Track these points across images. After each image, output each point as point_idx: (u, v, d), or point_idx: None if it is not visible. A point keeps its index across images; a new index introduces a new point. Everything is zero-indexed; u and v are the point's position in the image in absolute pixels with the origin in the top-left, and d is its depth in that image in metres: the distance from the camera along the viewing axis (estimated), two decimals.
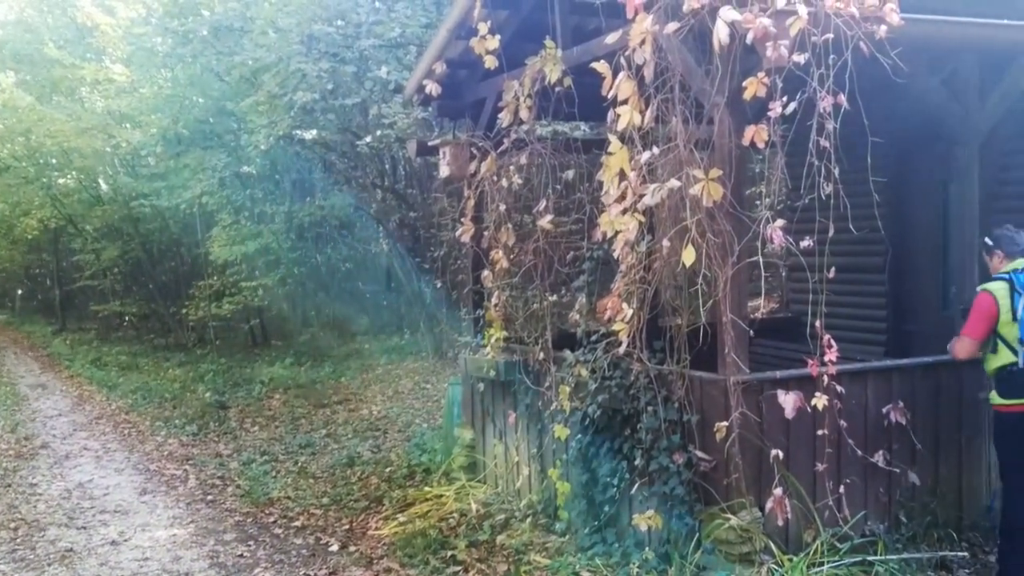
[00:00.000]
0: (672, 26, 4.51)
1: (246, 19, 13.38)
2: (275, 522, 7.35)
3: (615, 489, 5.41)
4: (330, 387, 13.68)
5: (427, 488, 7.46)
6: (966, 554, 5.07)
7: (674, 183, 4.60)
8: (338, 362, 15.43)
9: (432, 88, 7.01)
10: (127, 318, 23.79)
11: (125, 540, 6.94)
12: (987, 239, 4.98)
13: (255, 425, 11.75)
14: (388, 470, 8.44)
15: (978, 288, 4.89)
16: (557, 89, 5.96)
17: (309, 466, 9.20)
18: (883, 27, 4.15)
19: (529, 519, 6.33)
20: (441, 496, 7.14)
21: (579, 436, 5.66)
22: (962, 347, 4.84)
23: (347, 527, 7.03)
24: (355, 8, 11.63)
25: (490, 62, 6.23)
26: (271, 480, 8.71)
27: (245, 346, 19.03)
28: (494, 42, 6.18)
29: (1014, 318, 4.63)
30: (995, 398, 4.77)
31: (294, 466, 9.25)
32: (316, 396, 13.03)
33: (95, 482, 8.87)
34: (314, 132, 13.95)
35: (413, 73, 8.05)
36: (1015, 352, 4.64)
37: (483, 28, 6.18)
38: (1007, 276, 4.70)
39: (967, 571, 4.96)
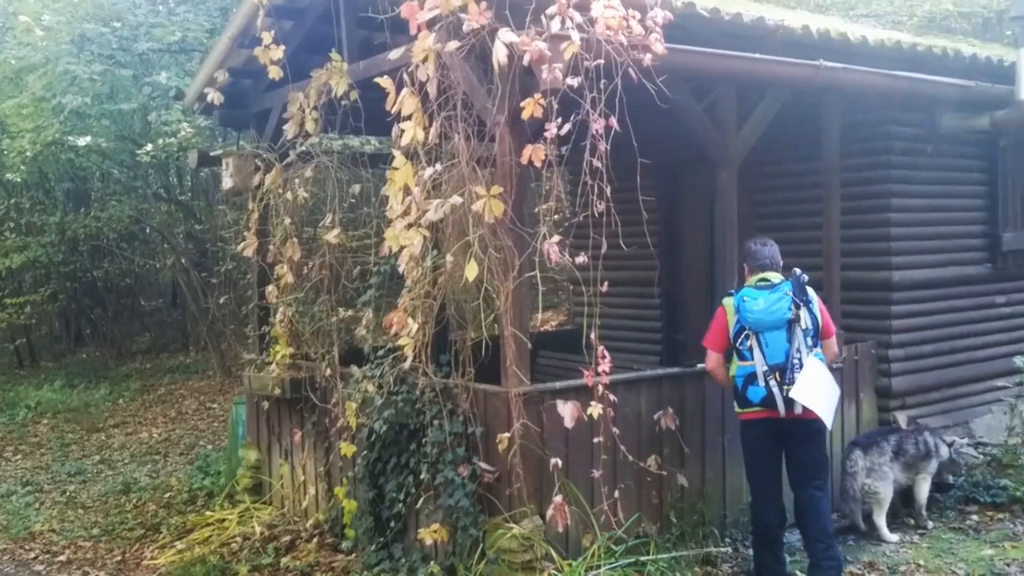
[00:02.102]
0: (453, 44, 4.58)
1: (7, 14, 12.37)
2: (36, 558, 6.80)
3: (402, 504, 5.39)
4: (106, 410, 12.83)
5: (209, 512, 7.15)
6: (728, 549, 5.43)
7: (457, 199, 4.67)
8: (116, 383, 14.49)
9: (214, 97, 6.77)
10: None
11: None
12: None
13: (17, 453, 10.81)
14: (167, 495, 8.02)
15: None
16: (344, 102, 5.93)
17: (79, 495, 8.58)
18: (649, 55, 4.40)
19: (315, 539, 6.19)
20: (224, 520, 6.86)
21: (366, 452, 5.61)
22: (706, 359, 5.16)
23: (119, 559, 6.62)
24: (132, 9, 11.02)
25: (275, 72, 6.09)
26: (33, 512, 8.04)
27: (10, 368, 17.47)
28: (279, 52, 6.05)
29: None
30: (735, 406, 5.13)
31: (61, 496, 8.60)
32: (90, 420, 12.18)
33: None
34: (89, 139, 13.06)
35: (194, 80, 7.75)
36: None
37: (267, 37, 6.04)
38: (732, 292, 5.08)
39: (729, 565, 5.31)
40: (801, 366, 4.72)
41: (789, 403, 4.73)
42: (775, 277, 4.92)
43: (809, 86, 5.72)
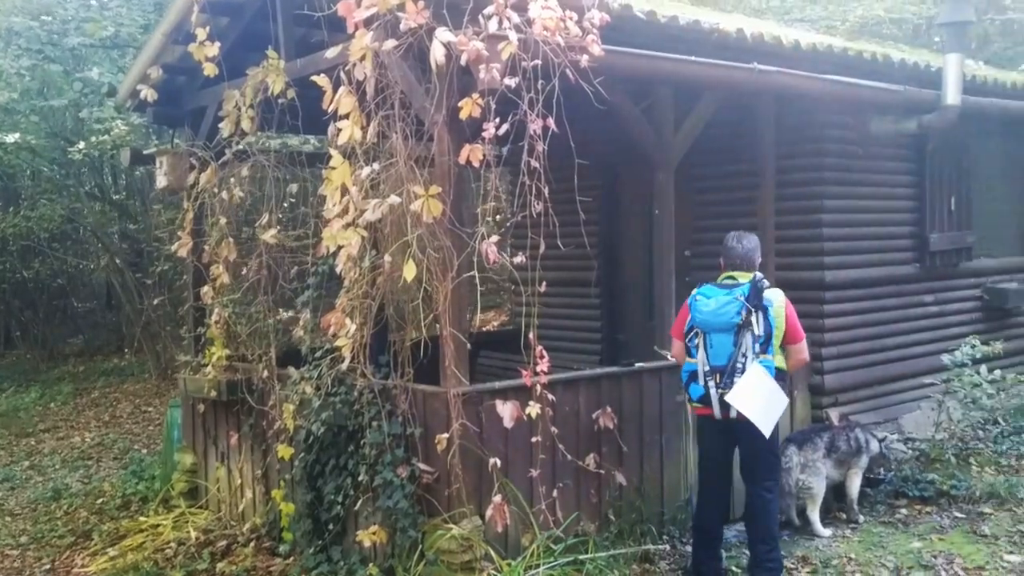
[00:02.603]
0: (391, 43, 4.56)
1: None
2: None
3: (340, 506, 5.34)
4: (36, 414, 12.49)
5: (143, 518, 7.00)
6: (666, 546, 5.49)
7: (395, 199, 4.64)
8: (47, 386, 14.11)
9: (148, 94, 6.63)
10: None
11: None
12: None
13: None
14: (100, 501, 7.84)
15: None
16: (281, 101, 5.85)
17: (6, 502, 8.34)
18: (586, 57, 4.43)
19: (252, 543, 6.11)
20: (158, 526, 6.73)
21: (303, 455, 5.54)
22: (672, 346, 5.22)
23: (48, 567, 6.45)
24: (63, 3, 10.75)
25: (210, 69, 5.99)
26: None
27: None
28: (214, 49, 5.96)
29: None
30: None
31: None
32: (19, 425, 11.84)
33: None
34: (17, 136, 12.70)
35: (127, 76, 7.58)
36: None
37: (201, 34, 5.94)
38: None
39: (667, 562, 5.37)
40: (743, 371, 4.72)
41: (725, 406, 4.77)
42: (742, 277, 4.88)
43: (744, 88, 5.82)
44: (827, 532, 5.82)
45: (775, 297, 4.87)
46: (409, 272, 4.59)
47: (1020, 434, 7.35)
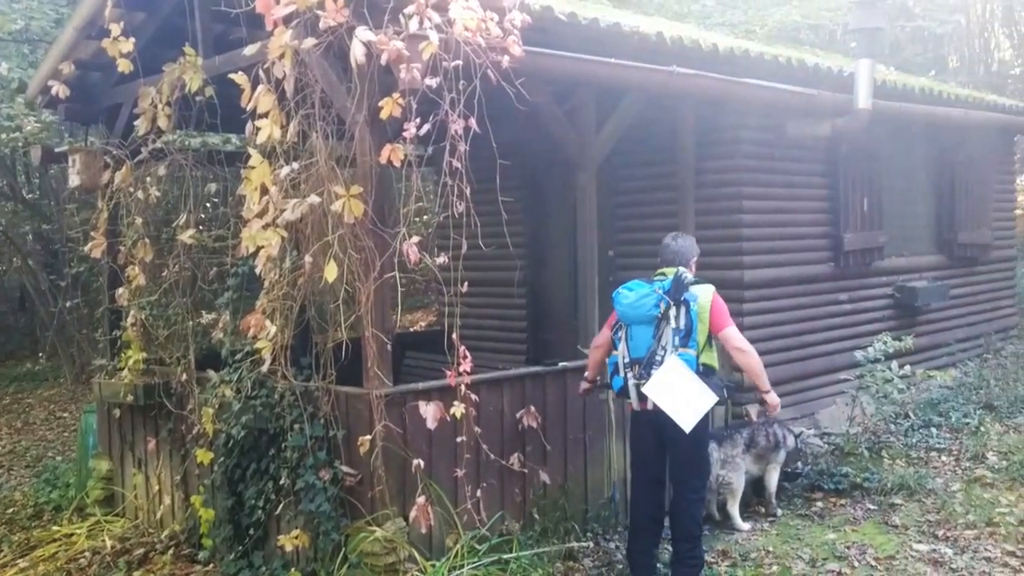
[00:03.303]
0: (310, 42, 4.51)
1: None
2: None
3: (261, 511, 5.26)
4: None
5: (56, 528, 6.77)
6: (590, 543, 5.54)
7: (315, 199, 4.60)
8: None
9: (60, 90, 6.45)
10: None
11: None
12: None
13: None
14: (10, 511, 7.56)
15: None
16: (199, 99, 5.74)
17: None
18: (507, 57, 4.45)
19: (171, 551, 5.97)
20: (72, 535, 6.52)
21: (223, 459, 5.44)
22: (598, 336, 5.26)
23: None
24: None
25: (124, 66, 5.85)
26: None
27: None
28: (128, 45, 5.82)
29: None
30: None
31: None
32: None
33: None
34: None
35: (37, 72, 7.33)
36: None
37: (116, 29, 5.80)
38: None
39: (591, 559, 5.42)
40: (661, 363, 4.75)
41: (642, 397, 4.81)
42: (670, 272, 4.94)
43: (663, 91, 5.91)
44: (746, 526, 5.95)
45: (701, 292, 4.85)
46: (330, 273, 4.55)
47: (929, 427, 7.63)
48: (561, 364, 5.74)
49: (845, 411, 7.14)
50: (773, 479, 6.22)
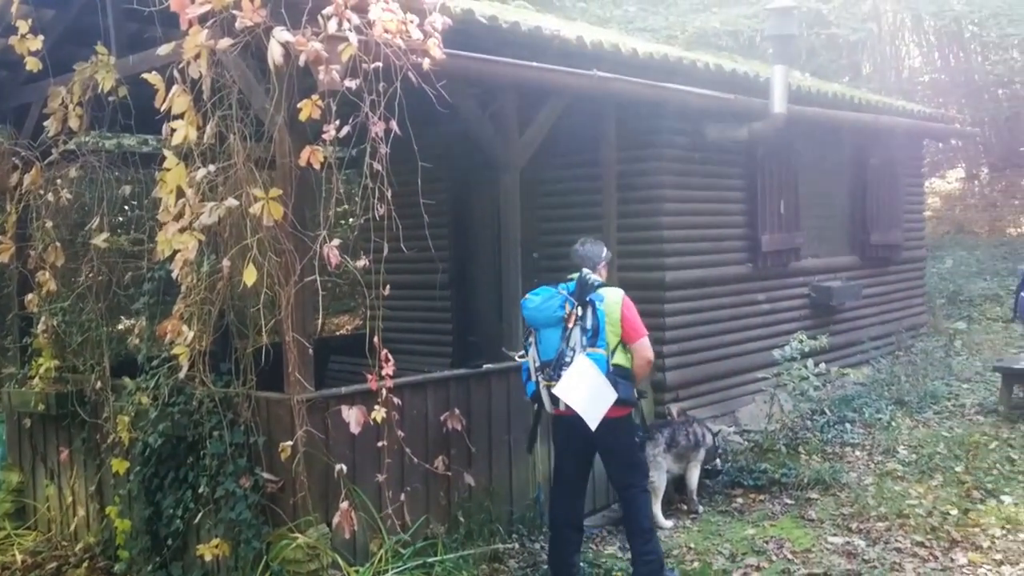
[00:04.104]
0: (227, 42, 4.43)
1: None
2: None
3: (180, 521, 5.14)
4: None
5: None
6: (515, 545, 5.56)
7: (233, 201, 4.52)
8: None
9: None
10: None
11: None
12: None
13: None
14: None
15: None
16: (112, 99, 5.59)
17: None
18: (427, 60, 4.44)
19: (86, 564, 5.80)
20: None
21: (140, 468, 5.31)
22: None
23: None
24: None
25: (33, 64, 5.66)
26: None
27: None
28: (37, 42, 5.64)
29: None
30: None
31: None
32: None
33: None
34: None
35: None
36: None
37: (23, 26, 5.61)
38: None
39: (516, 560, 5.44)
40: (570, 364, 4.74)
41: (555, 399, 4.80)
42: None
43: (585, 94, 5.97)
44: (669, 523, 6.04)
45: (608, 294, 4.87)
46: (249, 277, 4.48)
47: (844, 423, 7.86)
48: (486, 366, 5.75)
49: (764, 409, 7.30)
50: (694, 477, 6.33)
